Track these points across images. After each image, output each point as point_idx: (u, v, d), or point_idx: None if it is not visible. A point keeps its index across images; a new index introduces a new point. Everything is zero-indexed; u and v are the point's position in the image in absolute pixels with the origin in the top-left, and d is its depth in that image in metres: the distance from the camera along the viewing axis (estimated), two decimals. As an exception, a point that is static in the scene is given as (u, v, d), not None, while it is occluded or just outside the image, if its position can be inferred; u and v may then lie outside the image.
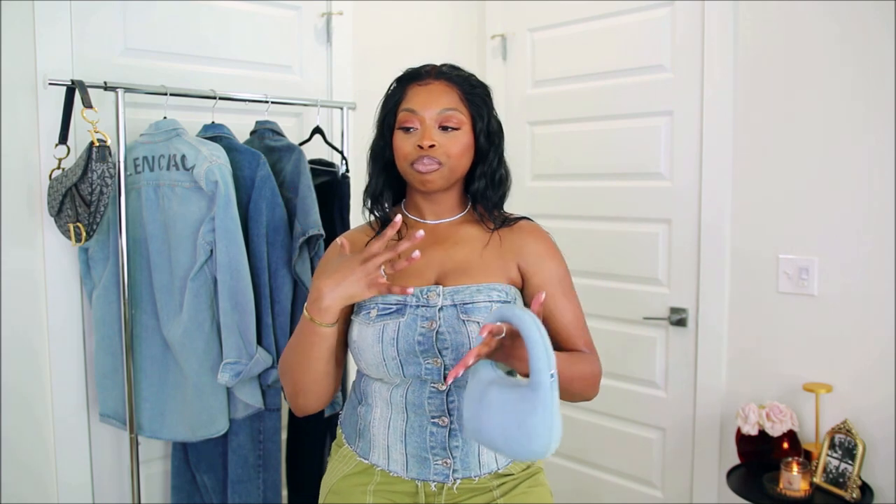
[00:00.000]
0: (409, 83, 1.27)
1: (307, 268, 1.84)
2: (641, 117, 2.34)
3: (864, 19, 1.87)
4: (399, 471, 1.23)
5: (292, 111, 2.17)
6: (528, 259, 1.28)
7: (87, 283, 1.81)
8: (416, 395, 1.21)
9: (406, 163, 1.24)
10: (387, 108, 1.29)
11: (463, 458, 1.22)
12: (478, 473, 1.23)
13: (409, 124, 1.23)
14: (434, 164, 1.22)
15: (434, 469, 1.22)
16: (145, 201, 1.75)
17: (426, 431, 1.21)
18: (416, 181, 1.24)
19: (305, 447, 2.05)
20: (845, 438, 1.85)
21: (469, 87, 1.27)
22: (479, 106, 1.27)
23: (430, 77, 1.27)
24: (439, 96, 1.24)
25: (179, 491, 1.92)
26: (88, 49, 1.81)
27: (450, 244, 1.28)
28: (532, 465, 1.31)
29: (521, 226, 1.32)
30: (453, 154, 1.23)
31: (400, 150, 1.25)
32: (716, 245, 2.18)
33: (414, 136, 1.23)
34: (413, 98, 1.25)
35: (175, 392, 1.79)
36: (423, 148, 1.21)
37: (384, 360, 1.20)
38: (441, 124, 1.23)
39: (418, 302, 1.21)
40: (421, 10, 2.55)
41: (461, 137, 1.24)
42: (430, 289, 1.22)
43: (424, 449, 1.22)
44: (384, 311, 1.21)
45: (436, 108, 1.23)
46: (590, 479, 2.57)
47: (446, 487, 1.23)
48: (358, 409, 1.30)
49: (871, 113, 1.87)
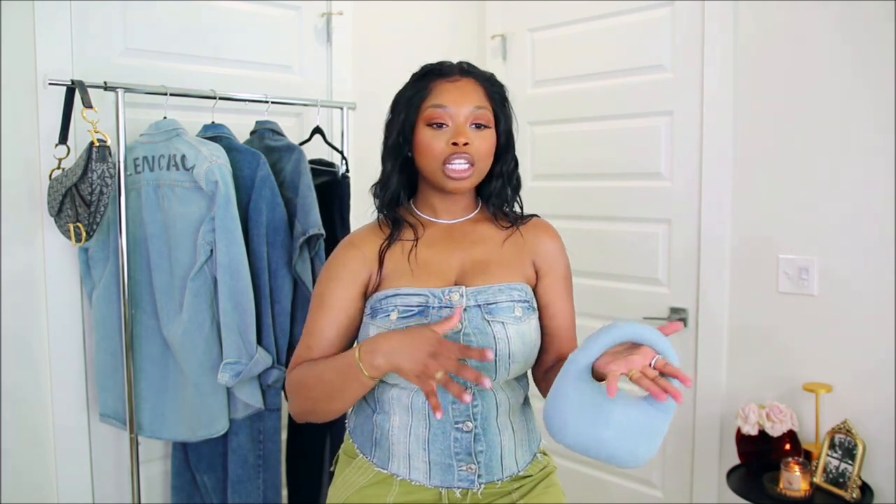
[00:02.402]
0: (435, 79, 1.22)
1: (307, 268, 1.84)
2: (641, 117, 2.34)
3: (864, 19, 1.87)
4: (421, 479, 1.20)
5: (292, 111, 2.17)
6: (545, 257, 1.28)
7: (87, 283, 1.81)
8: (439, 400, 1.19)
9: (437, 162, 1.19)
10: (408, 105, 1.22)
11: (487, 463, 1.20)
12: (500, 477, 1.22)
13: (440, 120, 1.19)
14: (468, 165, 1.18)
15: (458, 475, 1.20)
16: (145, 201, 1.75)
17: (450, 437, 1.19)
18: (446, 183, 1.20)
19: (305, 447, 2.05)
20: (845, 438, 1.85)
21: (492, 86, 1.25)
22: (502, 105, 1.25)
23: (457, 74, 1.23)
24: (471, 93, 1.21)
25: (179, 491, 1.92)
26: (88, 49, 1.81)
27: (467, 243, 1.26)
28: (548, 465, 1.31)
29: (537, 223, 1.32)
30: (484, 154, 1.21)
31: (429, 147, 1.19)
32: (716, 245, 2.18)
33: (445, 134, 1.18)
34: (442, 94, 1.20)
35: (175, 392, 1.79)
36: (458, 145, 1.17)
37: None
38: (473, 122, 1.20)
39: (440, 303, 1.18)
40: (421, 10, 2.55)
41: (490, 137, 1.22)
42: (452, 289, 1.20)
43: (448, 455, 1.19)
44: (405, 313, 1.18)
45: (469, 106, 1.19)
46: (590, 479, 2.57)
47: (471, 493, 1.21)
48: (374, 419, 1.25)
49: (871, 113, 1.87)
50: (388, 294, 1.20)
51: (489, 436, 1.20)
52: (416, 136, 1.21)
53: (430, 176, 1.22)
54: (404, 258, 1.23)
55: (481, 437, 1.19)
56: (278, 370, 1.81)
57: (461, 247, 1.25)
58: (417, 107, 1.21)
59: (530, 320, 1.23)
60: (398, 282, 1.21)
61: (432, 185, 1.24)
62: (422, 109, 1.21)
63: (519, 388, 1.27)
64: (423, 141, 1.20)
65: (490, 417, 1.21)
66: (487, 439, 1.20)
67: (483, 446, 1.20)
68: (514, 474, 1.24)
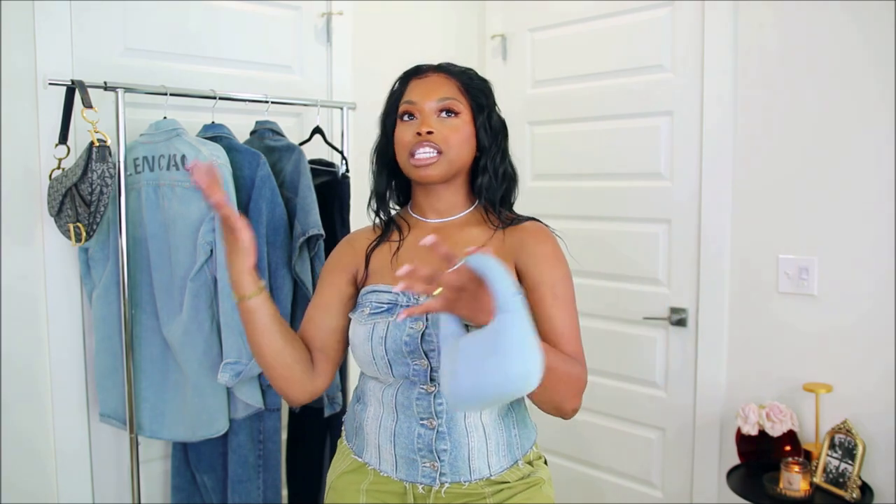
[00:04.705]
0: (410, 79, 1.30)
1: (307, 268, 1.84)
2: (641, 117, 2.34)
3: (864, 19, 1.87)
4: (389, 471, 1.24)
5: (292, 111, 2.17)
6: (525, 259, 1.25)
7: (87, 283, 1.81)
8: (405, 396, 1.21)
9: (405, 152, 1.23)
10: (389, 106, 1.30)
11: (451, 462, 1.20)
12: (468, 479, 1.21)
13: (410, 111, 1.25)
14: (433, 152, 1.21)
15: (422, 471, 1.21)
16: (145, 201, 1.75)
17: (414, 433, 1.21)
18: (414, 173, 1.24)
19: (305, 447, 2.05)
20: (845, 438, 1.85)
21: (468, 80, 1.28)
22: (479, 97, 1.27)
23: (430, 71, 1.29)
24: (438, 86, 1.26)
25: (179, 491, 1.92)
26: (88, 49, 1.81)
27: (450, 244, 1.24)
28: (531, 475, 1.26)
29: (525, 226, 1.30)
30: (452, 142, 1.23)
31: (400, 140, 1.25)
32: (716, 245, 2.18)
33: (413, 125, 1.24)
34: (412, 90, 1.27)
35: (175, 392, 1.79)
36: (422, 134, 1.21)
37: (374, 358, 1.21)
38: (439, 110, 1.24)
39: (408, 302, 1.21)
40: (421, 10, 2.55)
41: (460, 126, 1.24)
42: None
43: (412, 450, 1.21)
44: (376, 309, 1.23)
45: (434, 97, 1.24)
46: (590, 479, 2.57)
47: (434, 491, 1.21)
48: (355, 407, 1.32)
49: (871, 113, 1.87)
50: (368, 290, 1.27)
51: (455, 435, 1.20)
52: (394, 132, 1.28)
53: (403, 169, 1.27)
54: (389, 257, 1.28)
55: (445, 435, 1.20)
56: (278, 370, 1.81)
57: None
58: (396, 107, 1.28)
59: None
60: (379, 279, 1.27)
61: (412, 181, 1.29)
62: (399, 108, 1.27)
63: None
64: (396, 135, 1.27)
65: (457, 417, 1.21)
66: (453, 439, 1.20)
67: (447, 445, 1.20)
68: (485, 478, 1.21)
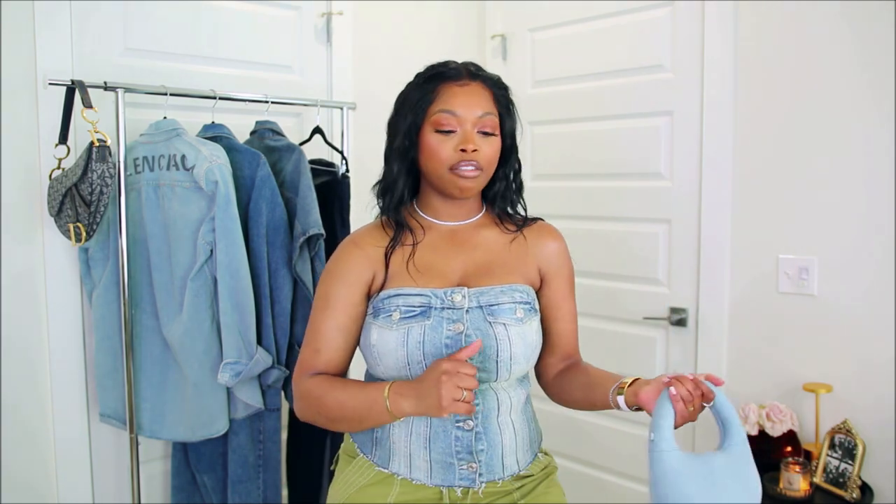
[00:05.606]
0: (442, 82, 1.22)
1: (307, 268, 1.84)
2: (641, 117, 2.34)
3: (864, 19, 1.87)
4: (422, 478, 1.21)
5: (292, 111, 2.17)
6: (550, 261, 1.29)
7: (87, 283, 1.81)
8: None
9: (444, 167, 1.19)
10: (415, 108, 1.22)
11: (488, 462, 1.21)
12: (501, 476, 1.22)
13: (449, 127, 1.19)
14: (476, 171, 1.20)
15: (459, 474, 1.20)
16: (145, 201, 1.75)
17: (451, 436, 1.19)
18: (454, 187, 1.21)
19: (305, 447, 2.05)
20: (845, 438, 1.85)
21: (498, 90, 1.25)
22: (507, 108, 1.26)
23: (466, 77, 1.22)
24: (479, 99, 1.21)
25: (179, 491, 1.92)
26: (88, 49, 1.81)
27: (469, 247, 1.27)
28: (549, 465, 1.31)
29: (541, 227, 1.33)
30: (490, 160, 1.22)
31: (437, 153, 1.19)
32: (716, 245, 2.18)
33: (453, 140, 1.19)
34: (450, 99, 1.20)
35: (175, 392, 1.79)
36: (467, 152, 1.18)
37: (408, 364, 1.17)
38: (480, 129, 1.20)
39: (443, 304, 1.19)
40: (421, 10, 2.55)
41: (496, 143, 1.23)
42: (455, 290, 1.20)
43: (449, 454, 1.20)
44: (407, 313, 1.19)
45: (476, 112, 1.20)
46: (590, 479, 2.57)
47: (471, 492, 1.21)
48: None
49: (871, 113, 1.87)
50: (390, 294, 1.21)
51: (490, 435, 1.21)
52: (422, 139, 1.21)
53: (436, 181, 1.23)
54: (404, 259, 1.24)
55: (482, 435, 1.20)
56: (278, 370, 1.81)
57: (463, 250, 1.26)
58: (425, 110, 1.21)
59: (532, 322, 1.24)
60: (401, 282, 1.22)
61: (436, 188, 1.25)
62: (429, 113, 1.21)
63: (520, 387, 1.27)
64: (430, 146, 1.20)
65: (491, 416, 1.21)
66: (488, 438, 1.20)
67: (484, 445, 1.20)
68: (515, 473, 1.24)
